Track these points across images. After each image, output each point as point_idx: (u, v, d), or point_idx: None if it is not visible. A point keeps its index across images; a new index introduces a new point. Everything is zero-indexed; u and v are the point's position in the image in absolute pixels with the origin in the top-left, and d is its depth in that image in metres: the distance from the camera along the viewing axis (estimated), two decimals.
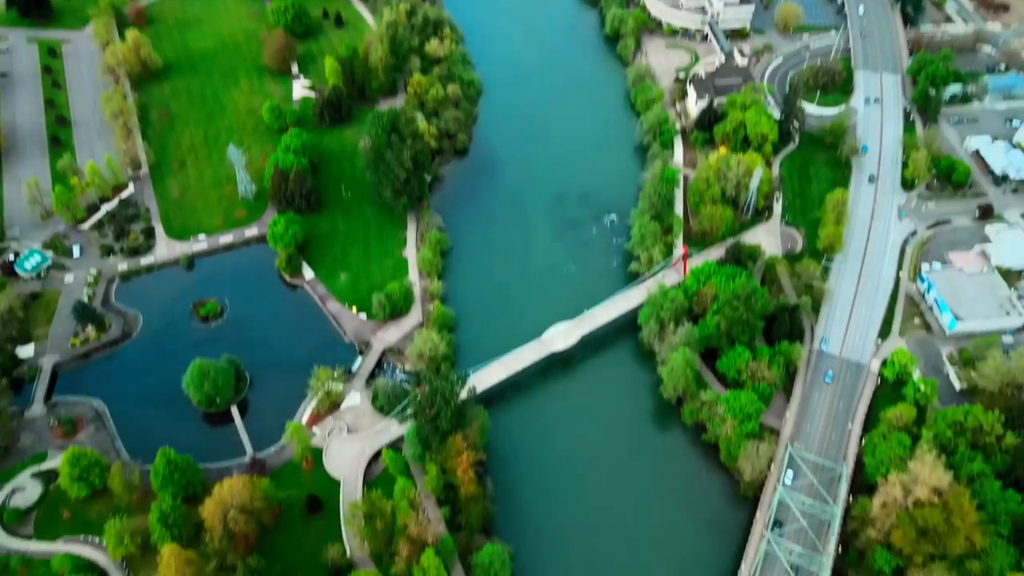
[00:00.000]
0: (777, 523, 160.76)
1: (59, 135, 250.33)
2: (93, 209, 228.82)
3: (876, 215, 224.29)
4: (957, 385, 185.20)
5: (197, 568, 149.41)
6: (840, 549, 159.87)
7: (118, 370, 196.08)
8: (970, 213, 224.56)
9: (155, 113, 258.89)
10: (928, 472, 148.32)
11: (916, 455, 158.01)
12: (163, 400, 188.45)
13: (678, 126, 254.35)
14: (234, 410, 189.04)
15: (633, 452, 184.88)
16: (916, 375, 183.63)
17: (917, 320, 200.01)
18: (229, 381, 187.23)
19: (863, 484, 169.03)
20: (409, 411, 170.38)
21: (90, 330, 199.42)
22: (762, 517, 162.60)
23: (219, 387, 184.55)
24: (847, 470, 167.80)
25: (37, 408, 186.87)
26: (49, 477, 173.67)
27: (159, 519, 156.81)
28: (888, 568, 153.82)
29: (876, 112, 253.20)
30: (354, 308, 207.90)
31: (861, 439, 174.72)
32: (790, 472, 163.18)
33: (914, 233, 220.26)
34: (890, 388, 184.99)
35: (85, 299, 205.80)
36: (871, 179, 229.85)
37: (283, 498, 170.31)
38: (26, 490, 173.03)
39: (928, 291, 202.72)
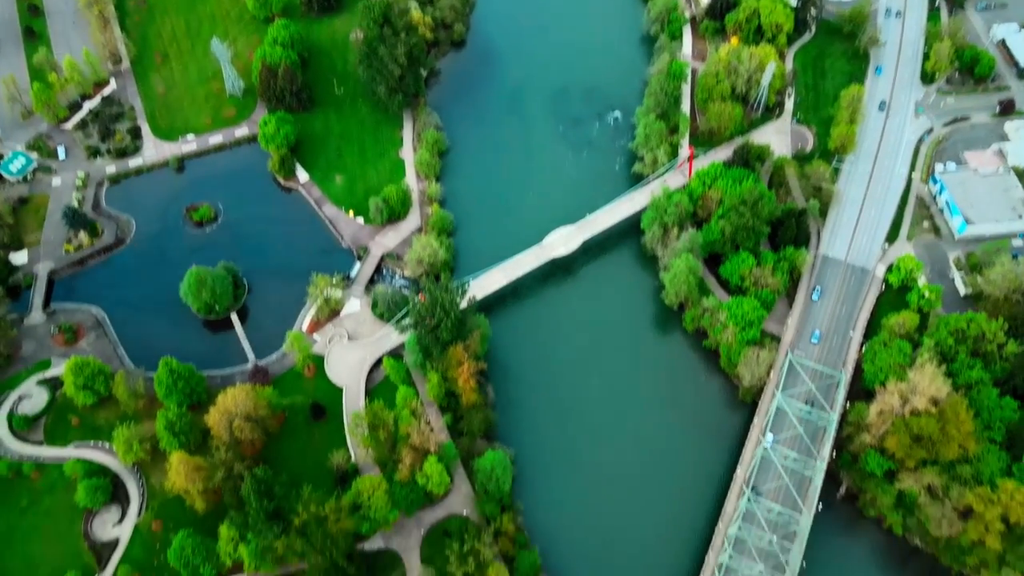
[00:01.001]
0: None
1: (33, 26, 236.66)
2: (75, 107, 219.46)
3: (892, 111, 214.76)
4: (962, 291, 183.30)
5: (206, 474, 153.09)
6: (834, 453, 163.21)
7: (114, 277, 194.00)
8: (990, 109, 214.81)
9: (131, 1, 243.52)
10: (927, 383, 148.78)
11: (916, 364, 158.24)
12: (162, 307, 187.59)
13: (687, 14, 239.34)
14: (234, 317, 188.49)
15: (633, 358, 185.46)
16: (921, 281, 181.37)
17: (927, 223, 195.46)
18: (227, 288, 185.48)
19: (861, 390, 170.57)
20: (409, 321, 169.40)
21: (83, 236, 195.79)
22: (759, 423, 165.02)
23: (217, 295, 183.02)
24: (846, 377, 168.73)
25: (36, 315, 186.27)
26: (54, 385, 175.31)
27: (166, 427, 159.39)
28: (879, 471, 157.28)
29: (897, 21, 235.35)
30: (351, 212, 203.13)
31: (862, 346, 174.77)
32: (770, 435, 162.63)
33: (930, 131, 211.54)
34: (894, 294, 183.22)
35: (75, 204, 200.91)
36: (881, 106, 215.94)
37: (287, 405, 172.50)
38: (33, 397, 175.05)
39: (940, 193, 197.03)
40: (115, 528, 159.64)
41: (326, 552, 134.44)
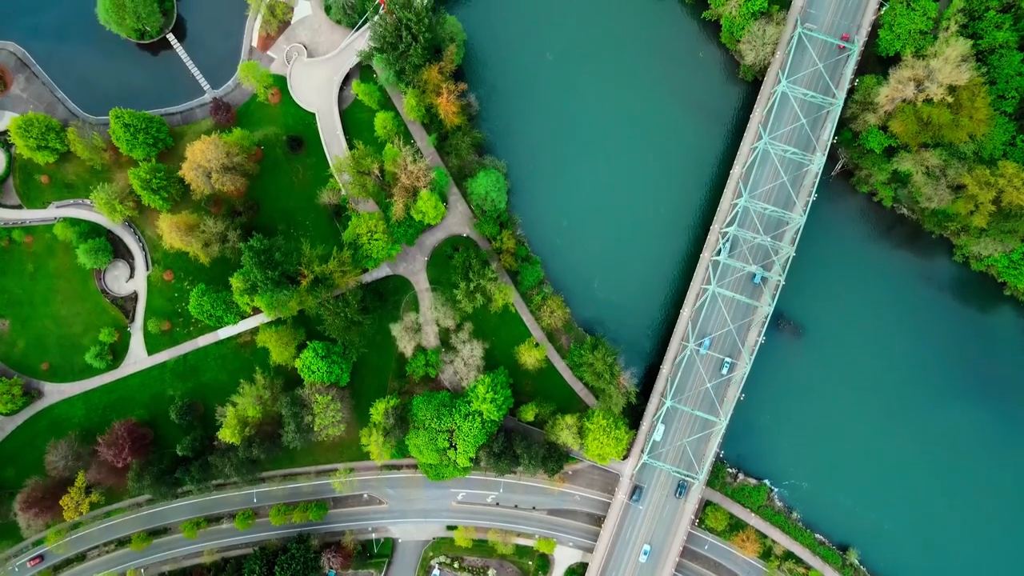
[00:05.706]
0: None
1: None
2: None
3: None
4: None
5: (201, 232, 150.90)
6: (835, 138, 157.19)
7: (11, 4, 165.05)
8: None
9: None
10: (949, 69, 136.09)
11: (940, 38, 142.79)
12: (85, 36, 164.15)
13: None
14: (171, 38, 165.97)
15: (624, 33, 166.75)
16: None
17: None
18: (151, 6, 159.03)
19: (872, 56, 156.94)
20: (372, 43, 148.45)
21: None
22: (759, 114, 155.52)
23: (142, 15, 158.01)
24: (858, 48, 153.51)
25: None
26: (6, 143, 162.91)
27: (142, 186, 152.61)
28: (879, 148, 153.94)
29: None
30: None
31: (881, 7, 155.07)
32: (661, 427, 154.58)
33: None
34: None
35: None
36: None
37: (260, 139, 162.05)
38: None
39: None
40: (129, 283, 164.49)
41: (340, 314, 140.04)
